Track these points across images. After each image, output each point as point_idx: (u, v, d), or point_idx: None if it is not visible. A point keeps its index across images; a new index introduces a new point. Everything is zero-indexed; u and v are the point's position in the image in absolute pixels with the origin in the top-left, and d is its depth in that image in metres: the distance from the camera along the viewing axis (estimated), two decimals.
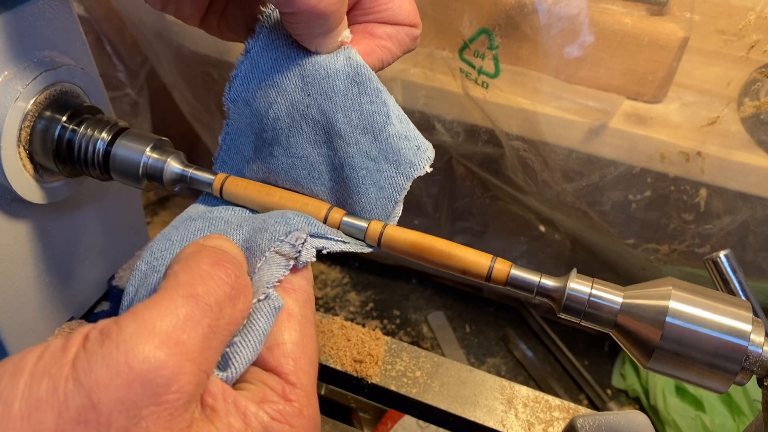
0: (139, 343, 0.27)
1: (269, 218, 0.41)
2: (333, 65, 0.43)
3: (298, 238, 0.39)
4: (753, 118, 0.75)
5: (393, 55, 0.46)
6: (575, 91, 0.78)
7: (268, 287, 0.36)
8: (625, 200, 0.83)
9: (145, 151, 0.47)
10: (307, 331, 0.37)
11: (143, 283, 0.39)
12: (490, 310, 1.15)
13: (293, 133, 0.44)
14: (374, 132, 0.43)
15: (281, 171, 0.45)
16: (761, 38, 0.70)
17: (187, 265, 0.32)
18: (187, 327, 0.29)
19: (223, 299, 0.32)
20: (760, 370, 0.36)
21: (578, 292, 0.39)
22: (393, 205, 0.44)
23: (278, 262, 0.38)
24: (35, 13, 0.48)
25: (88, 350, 0.28)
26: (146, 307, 0.29)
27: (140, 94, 1.08)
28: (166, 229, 0.43)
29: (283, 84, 0.43)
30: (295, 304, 0.37)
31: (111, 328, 0.28)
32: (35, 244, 0.54)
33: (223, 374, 0.33)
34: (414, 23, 0.46)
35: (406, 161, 0.44)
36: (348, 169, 0.43)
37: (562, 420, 0.58)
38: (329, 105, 0.43)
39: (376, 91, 0.43)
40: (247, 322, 0.34)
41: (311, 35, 0.41)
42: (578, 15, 0.73)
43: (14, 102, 0.46)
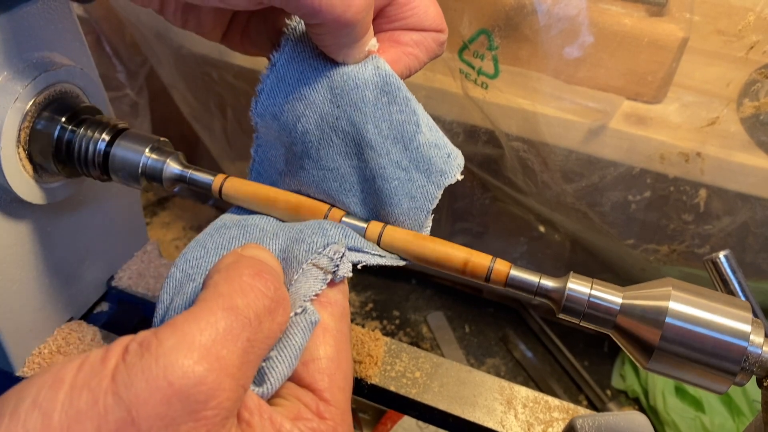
0: (179, 358, 0.27)
1: (306, 228, 0.40)
2: (362, 75, 0.42)
3: (336, 251, 0.38)
4: (753, 119, 0.75)
5: (420, 62, 0.46)
6: (575, 92, 0.78)
7: (305, 300, 0.36)
8: (624, 201, 0.83)
9: (145, 151, 0.47)
10: (342, 346, 0.36)
11: (178, 291, 0.39)
12: (489, 311, 1.15)
13: (323, 145, 0.43)
14: (405, 141, 0.43)
15: (312, 183, 0.44)
16: (761, 39, 0.70)
17: (227, 276, 0.32)
18: (227, 341, 0.29)
19: (263, 312, 0.31)
20: (760, 371, 0.36)
21: (578, 292, 0.39)
22: (425, 215, 0.44)
23: (315, 275, 0.37)
24: (35, 13, 0.48)
25: (127, 363, 0.27)
26: (185, 319, 0.29)
27: (140, 94, 1.08)
28: (200, 236, 0.42)
29: (311, 96, 0.43)
30: (331, 318, 0.37)
31: (150, 341, 0.28)
32: (35, 245, 0.54)
33: (259, 389, 0.33)
34: (440, 28, 0.46)
35: (437, 170, 0.43)
36: (380, 180, 0.43)
37: (561, 420, 0.58)
38: (359, 116, 0.42)
39: (405, 100, 0.43)
40: (284, 336, 0.34)
41: (338, 45, 0.41)
42: (578, 15, 0.73)
43: (13, 102, 0.46)
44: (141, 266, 0.69)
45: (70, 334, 0.60)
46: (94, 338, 0.60)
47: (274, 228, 0.42)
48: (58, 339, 0.60)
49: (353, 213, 0.44)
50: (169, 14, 0.45)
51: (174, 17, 0.45)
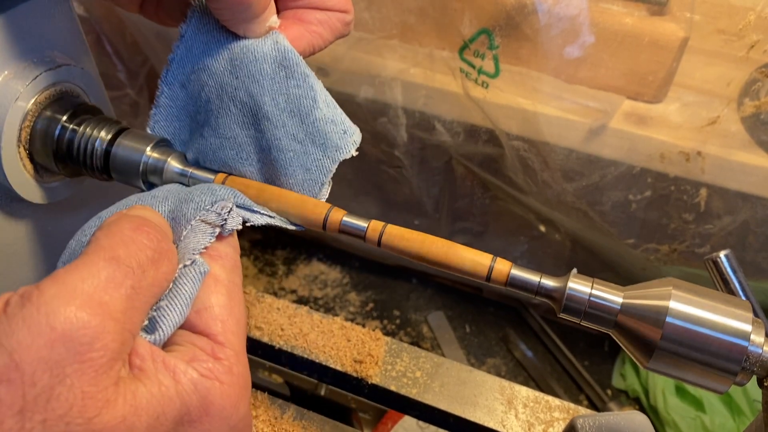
0: (60, 305, 0.28)
1: (195, 190, 0.42)
2: (260, 49, 0.44)
3: (223, 207, 0.40)
4: (753, 118, 0.75)
5: (325, 40, 0.47)
6: (575, 91, 0.78)
7: (194, 254, 0.37)
8: (625, 200, 0.83)
9: (146, 150, 0.47)
10: (234, 295, 0.37)
11: (70, 258, 0.40)
12: (490, 310, 1.15)
13: (221, 114, 0.45)
14: (301, 115, 0.44)
15: (209, 151, 0.46)
16: (761, 38, 0.70)
17: (109, 231, 0.33)
18: (109, 288, 0.30)
19: (146, 262, 0.32)
20: (760, 371, 0.36)
21: (578, 292, 0.39)
22: (319, 186, 0.45)
23: (204, 230, 0.39)
24: (35, 13, 0.48)
25: (8, 314, 0.28)
26: (67, 271, 0.30)
27: (140, 94, 1.08)
28: (102, 212, 0.43)
29: (213, 67, 0.45)
30: (222, 270, 0.38)
31: (32, 292, 0.28)
32: (35, 244, 0.54)
33: (151, 337, 0.34)
34: (345, 8, 0.47)
35: (333, 145, 0.45)
36: (275, 151, 0.44)
37: (562, 420, 0.58)
38: (257, 88, 0.44)
39: (303, 76, 0.44)
40: (174, 287, 0.35)
41: (237, 21, 0.43)
42: (578, 15, 0.73)
43: (14, 102, 0.46)
44: None
45: None
46: None
47: (164, 193, 0.43)
48: None
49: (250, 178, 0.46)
50: None
51: None
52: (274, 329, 0.64)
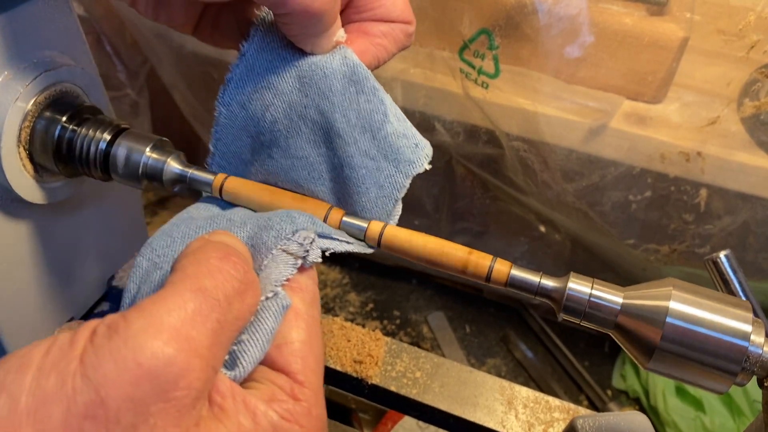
0: (148, 339, 0.27)
1: (274, 216, 0.41)
2: (330, 65, 0.43)
3: (306, 237, 0.39)
4: (753, 119, 0.75)
5: (389, 53, 0.46)
6: (575, 92, 0.78)
7: (276, 285, 0.36)
8: (625, 200, 0.83)
9: (145, 151, 0.47)
10: (314, 330, 0.37)
11: (145, 279, 0.39)
12: (490, 311, 1.15)
13: (291, 134, 0.44)
14: (372, 131, 0.43)
15: (281, 172, 0.45)
16: (761, 38, 0.70)
17: (195, 259, 0.32)
18: (196, 322, 0.29)
19: (232, 294, 0.31)
20: (761, 371, 0.36)
21: (578, 292, 0.39)
22: (393, 203, 0.44)
23: (285, 261, 0.38)
24: (35, 13, 0.48)
25: (96, 345, 0.27)
26: (153, 302, 0.29)
27: (140, 94, 1.08)
28: (166, 226, 0.42)
29: (279, 86, 0.43)
30: (302, 303, 0.37)
31: (119, 323, 0.28)
32: (35, 245, 0.54)
33: (231, 373, 0.33)
34: (408, 20, 0.46)
35: (405, 159, 0.44)
36: (348, 169, 0.43)
37: (562, 421, 0.58)
38: (327, 105, 0.43)
39: (373, 90, 0.43)
40: (255, 320, 0.34)
41: (306, 35, 0.41)
42: (578, 15, 0.73)
43: (14, 102, 0.46)
44: None
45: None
46: None
47: (242, 218, 0.42)
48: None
49: (322, 200, 0.45)
50: (140, 7, 0.45)
51: (146, 10, 0.45)
52: None
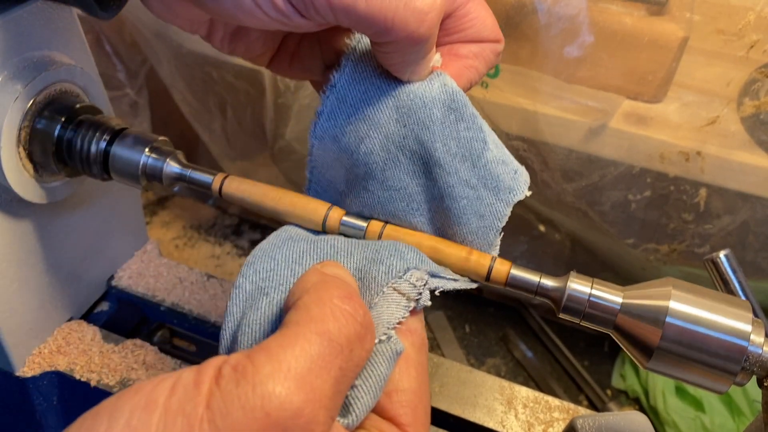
0: (276, 387, 0.27)
1: (382, 249, 0.39)
2: (429, 93, 0.41)
3: (419, 278, 0.37)
4: (753, 118, 0.75)
5: (480, 74, 0.44)
6: (575, 91, 0.78)
7: (388, 328, 0.35)
8: (624, 200, 0.83)
9: (145, 150, 0.47)
10: (423, 378, 0.35)
11: (250, 305, 0.38)
12: (489, 311, 1.14)
13: (389, 165, 0.42)
14: (473, 159, 0.42)
15: (377, 205, 0.43)
16: (761, 38, 0.70)
17: (318, 298, 0.31)
18: (322, 370, 0.28)
19: (354, 338, 0.30)
20: (760, 371, 0.36)
21: (578, 292, 0.39)
22: (495, 233, 0.43)
23: (398, 302, 0.36)
24: (35, 12, 0.48)
25: (222, 389, 0.27)
26: (280, 344, 0.28)
27: (140, 94, 1.08)
28: (266, 246, 0.41)
29: (375, 117, 0.41)
30: (412, 348, 0.36)
31: (246, 367, 0.27)
32: (35, 244, 0.54)
33: (344, 420, 0.32)
34: (498, 38, 0.44)
35: (506, 187, 0.43)
36: (448, 200, 0.42)
37: (561, 421, 0.58)
38: (427, 135, 0.41)
39: (472, 117, 0.42)
40: (368, 365, 0.33)
41: (406, 63, 0.39)
42: (578, 15, 0.73)
43: (14, 102, 0.46)
44: (141, 265, 0.69)
45: (70, 333, 0.60)
46: (94, 338, 0.60)
47: (346, 246, 0.41)
48: (58, 339, 0.60)
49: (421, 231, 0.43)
50: (216, 41, 0.44)
51: (221, 44, 0.44)
52: None
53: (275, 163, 1.04)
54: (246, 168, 1.08)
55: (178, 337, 0.69)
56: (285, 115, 0.94)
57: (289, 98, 0.91)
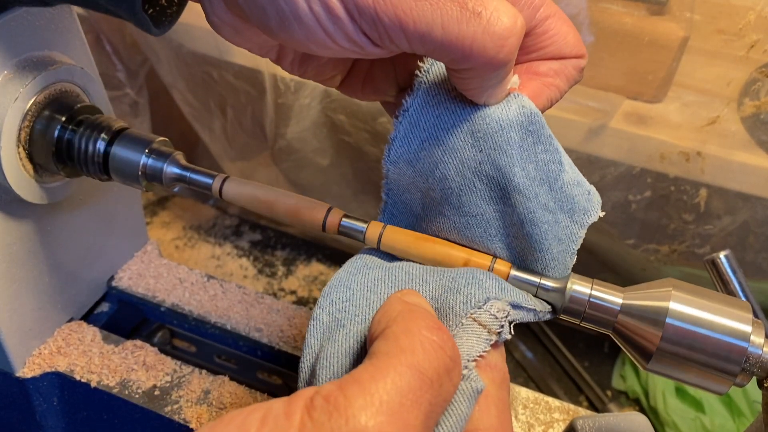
0: (369, 420, 0.26)
1: (459, 277, 0.39)
2: (506, 117, 0.39)
3: (500, 309, 0.36)
4: (753, 118, 0.75)
5: (561, 92, 0.42)
6: (575, 91, 0.77)
7: (469, 361, 0.34)
8: (625, 200, 0.83)
9: (145, 151, 0.47)
10: (504, 417, 0.34)
11: (328, 337, 0.37)
12: None
13: (465, 191, 0.41)
14: (550, 182, 0.41)
15: (454, 230, 0.42)
16: (761, 38, 0.70)
17: (407, 329, 0.30)
18: (413, 405, 0.28)
19: (443, 371, 0.29)
20: (760, 372, 0.36)
21: (578, 293, 0.39)
22: (571, 256, 0.42)
23: (478, 334, 0.35)
24: (35, 12, 0.48)
25: (315, 421, 0.26)
26: (371, 377, 0.28)
27: (140, 94, 1.08)
28: (342, 275, 0.41)
29: (449, 142, 0.40)
30: (492, 384, 0.35)
31: (338, 398, 0.27)
32: (35, 245, 0.54)
33: None
34: (580, 54, 0.42)
35: (580, 209, 0.42)
36: (529, 226, 0.40)
37: (561, 421, 0.58)
38: (505, 159, 0.39)
39: (549, 139, 0.41)
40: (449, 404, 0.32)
41: (484, 88, 0.37)
42: (578, 15, 0.73)
43: (13, 102, 0.46)
44: (141, 266, 0.69)
45: (71, 334, 0.60)
46: (94, 339, 0.60)
47: (420, 273, 0.40)
48: (58, 340, 0.60)
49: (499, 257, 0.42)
50: (286, 64, 0.43)
51: (291, 67, 0.43)
52: (274, 330, 0.64)
53: (275, 163, 1.04)
54: (246, 168, 1.08)
55: (179, 338, 0.69)
56: (285, 115, 0.94)
57: (289, 98, 0.91)
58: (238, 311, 0.65)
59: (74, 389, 0.58)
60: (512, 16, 0.33)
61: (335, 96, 0.91)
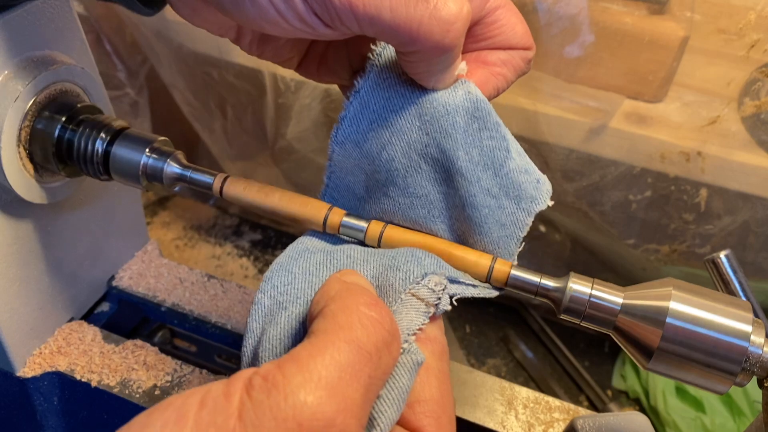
0: (308, 396, 0.26)
1: (399, 256, 0.39)
2: (452, 102, 0.40)
3: (437, 282, 0.37)
4: (753, 118, 0.75)
5: (508, 82, 0.44)
6: (575, 91, 0.78)
7: (409, 334, 0.34)
8: (625, 200, 0.83)
9: (145, 151, 0.47)
10: (445, 387, 0.35)
11: (270, 320, 0.37)
12: (490, 311, 1.14)
13: (410, 172, 0.42)
14: (495, 168, 0.42)
15: (398, 211, 0.43)
16: (761, 37, 0.70)
17: (344, 306, 0.31)
18: (352, 379, 0.28)
19: (381, 345, 0.30)
20: (761, 371, 0.36)
21: (578, 292, 0.39)
22: (516, 242, 0.42)
23: (417, 308, 0.36)
24: (35, 12, 0.48)
25: (254, 400, 0.26)
26: (309, 354, 0.28)
27: (140, 93, 1.08)
28: (283, 260, 0.41)
29: (397, 124, 0.41)
30: (432, 356, 0.35)
31: (276, 377, 0.27)
32: (35, 245, 0.54)
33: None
34: (528, 45, 0.43)
35: (528, 196, 0.42)
36: (469, 209, 0.41)
37: (562, 421, 0.58)
38: (449, 143, 0.41)
39: (496, 125, 0.42)
40: (390, 377, 0.32)
41: (431, 72, 0.39)
42: (578, 14, 0.73)
43: (14, 102, 0.46)
44: (142, 266, 0.69)
45: (71, 334, 0.60)
46: (95, 338, 0.60)
47: (362, 254, 0.41)
48: (58, 339, 0.60)
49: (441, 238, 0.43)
50: (244, 44, 0.44)
51: (250, 47, 0.44)
52: None
53: (275, 163, 1.04)
54: (246, 168, 1.08)
55: (179, 337, 0.69)
56: (285, 115, 0.94)
57: (289, 98, 0.91)
58: (238, 311, 0.65)
59: (75, 389, 0.58)
60: (459, 3, 0.35)
61: (335, 96, 0.91)
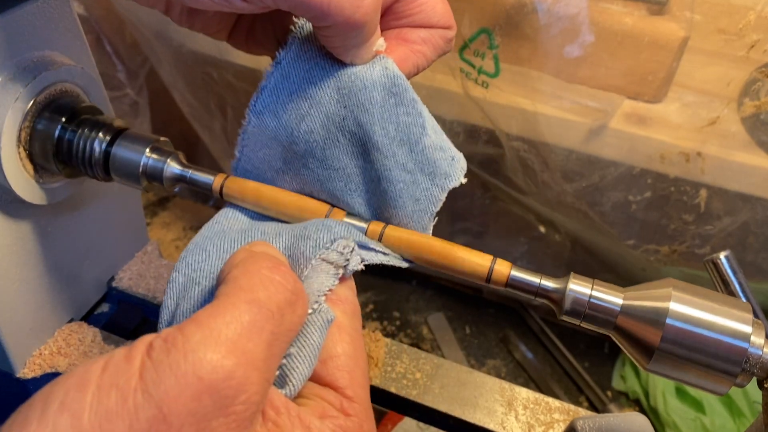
0: (207, 352, 0.27)
1: (310, 226, 0.40)
2: (369, 76, 0.42)
3: (345, 246, 0.38)
4: (753, 118, 0.75)
5: (428, 60, 0.45)
6: (575, 91, 0.78)
7: (319, 296, 0.36)
8: (625, 201, 0.83)
9: (145, 151, 0.47)
10: (358, 343, 0.36)
11: (183, 296, 0.38)
12: (490, 312, 1.14)
13: (329, 145, 0.43)
14: (410, 144, 0.43)
15: (317, 183, 0.44)
16: (761, 38, 0.70)
17: (246, 270, 0.32)
18: (252, 334, 0.29)
19: (284, 304, 0.31)
20: (761, 372, 0.36)
21: (578, 293, 0.39)
22: (429, 217, 0.43)
23: (326, 271, 0.37)
24: (35, 12, 0.48)
25: (154, 360, 0.27)
26: (210, 314, 0.29)
27: (140, 94, 1.08)
28: (198, 240, 0.42)
29: (317, 96, 0.42)
30: (344, 315, 0.37)
31: (176, 337, 0.28)
32: (35, 245, 0.54)
33: (282, 391, 0.32)
34: (448, 25, 0.45)
35: (442, 173, 0.43)
36: (385, 183, 0.43)
37: (562, 422, 0.58)
38: (366, 117, 0.42)
39: (412, 102, 0.43)
40: (301, 335, 0.34)
41: (347, 47, 0.40)
42: (578, 14, 0.73)
43: (14, 102, 0.46)
44: (141, 267, 0.69)
45: (71, 335, 0.60)
46: (95, 339, 0.60)
47: (275, 229, 0.42)
48: (58, 340, 0.60)
49: (357, 213, 0.44)
50: (174, 16, 0.45)
51: (180, 19, 0.45)
52: None
53: None
54: None
55: None
56: None
57: None
58: None
59: None
60: None
61: None
